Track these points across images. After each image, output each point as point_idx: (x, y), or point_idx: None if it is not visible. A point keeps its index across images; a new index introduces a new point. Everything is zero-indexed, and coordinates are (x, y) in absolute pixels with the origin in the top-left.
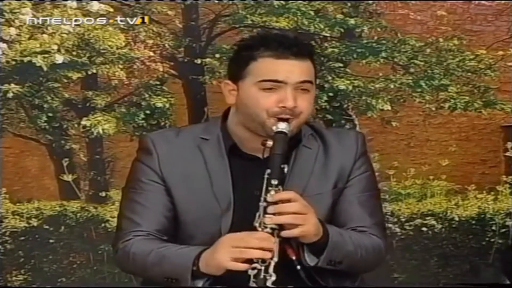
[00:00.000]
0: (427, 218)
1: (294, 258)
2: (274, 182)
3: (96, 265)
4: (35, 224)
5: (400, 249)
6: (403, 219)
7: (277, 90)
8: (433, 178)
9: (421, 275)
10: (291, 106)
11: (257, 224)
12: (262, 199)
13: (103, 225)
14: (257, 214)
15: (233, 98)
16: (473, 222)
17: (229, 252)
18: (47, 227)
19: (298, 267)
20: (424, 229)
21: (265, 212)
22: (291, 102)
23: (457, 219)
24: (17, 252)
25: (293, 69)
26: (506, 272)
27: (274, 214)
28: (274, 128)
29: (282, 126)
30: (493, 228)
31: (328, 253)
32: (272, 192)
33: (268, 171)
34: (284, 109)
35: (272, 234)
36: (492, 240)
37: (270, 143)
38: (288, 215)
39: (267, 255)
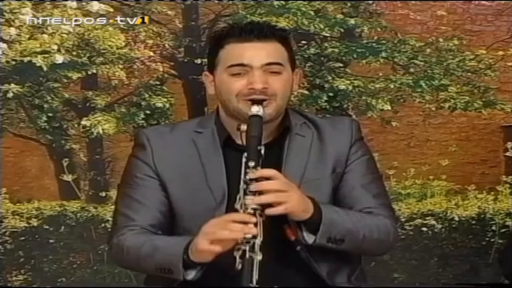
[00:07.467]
0: (427, 218)
1: (293, 239)
2: (251, 164)
3: (96, 265)
4: (35, 224)
5: (400, 249)
6: (403, 219)
7: (246, 75)
8: (433, 178)
9: (421, 275)
10: (259, 88)
11: (238, 206)
12: (242, 181)
13: (103, 225)
14: (238, 196)
15: (212, 88)
16: (473, 222)
17: (206, 235)
18: (47, 227)
19: (298, 247)
20: (424, 229)
21: (245, 194)
22: (259, 84)
23: (457, 219)
24: (17, 252)
25: (258, 52)
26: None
27: (254, 194)
28: (249, 112)
29: (255, 109)
30: (493, 228)
31: (324, 229)
32: (251, 174)
33: (245, 154)
34: (253, 90)
35: (254, 214)
36: (492, 240)
37: (244, 127)
38: (269, 194)
39: (236, 234)
